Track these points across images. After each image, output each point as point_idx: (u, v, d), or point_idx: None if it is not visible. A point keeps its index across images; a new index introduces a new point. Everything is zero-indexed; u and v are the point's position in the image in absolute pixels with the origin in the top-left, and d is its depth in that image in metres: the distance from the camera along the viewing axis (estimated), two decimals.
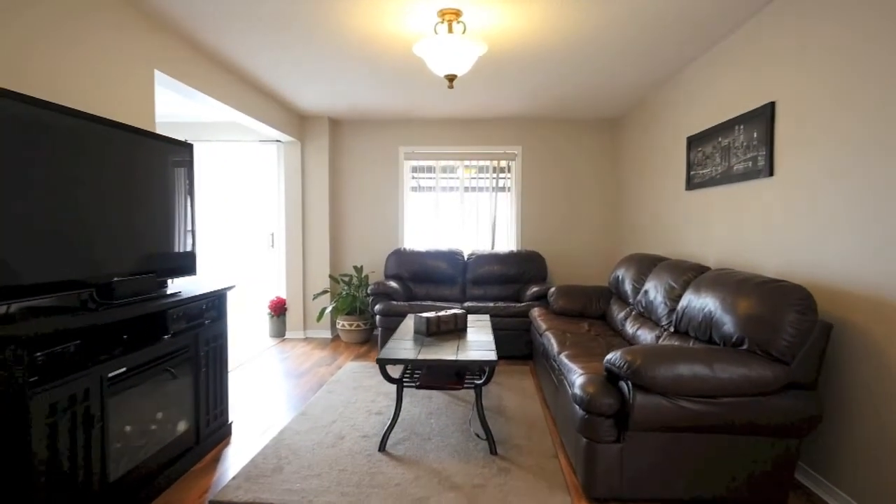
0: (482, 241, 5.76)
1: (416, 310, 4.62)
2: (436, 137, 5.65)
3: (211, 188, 5.70)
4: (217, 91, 3.78)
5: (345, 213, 5.75)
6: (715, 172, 3.28)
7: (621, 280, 3.85)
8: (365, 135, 5.70)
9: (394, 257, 5.32)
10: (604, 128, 5.57)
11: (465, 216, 5.75)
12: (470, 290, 5.24)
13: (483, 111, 5.20)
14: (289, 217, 5.50)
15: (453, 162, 5.75)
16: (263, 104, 4.60)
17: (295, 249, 5.51)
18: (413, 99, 4.70)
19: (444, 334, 3.29)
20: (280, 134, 5.11)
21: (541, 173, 5.63)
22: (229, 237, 5.74)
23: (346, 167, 5.73)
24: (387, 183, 5.71)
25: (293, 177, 5.46)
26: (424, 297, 5.23)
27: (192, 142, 5.61)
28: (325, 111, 5.24)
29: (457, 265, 5.27)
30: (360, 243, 5.76)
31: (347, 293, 5.23)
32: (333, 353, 4.88)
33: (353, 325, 5.23)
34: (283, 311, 5.56)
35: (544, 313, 4.13)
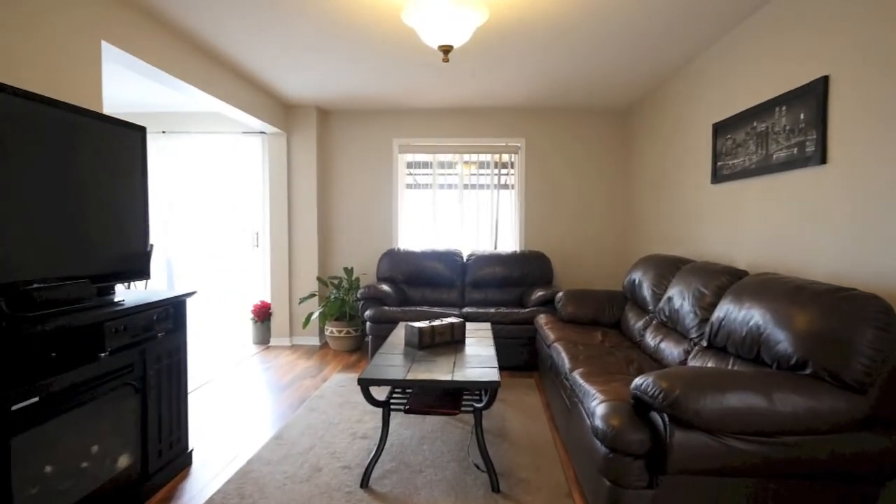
0: (483, 242, 5.36)
1: (410, 316, 4.21)
2: (432, 128, 5.24)
3: (191, 183, 5.29)
4: (190, 75, 3.38)
5: (334, 210, 5.34)
6: (749, 162, 2.87)
7: (638, 284, 3.45)
8: (356, 125, 5.29)
9: (387, 258, 4.91)
10: (614, 118, 5.16)
11: (464, 215, 5.34)
12: (469, 294, 4.83)
13: (483, 99, 4.79)
14: (274, 215, 5.09)
15: (451, 156, 5.34)
16: (245, 91, 4.20)
17: (280, 250, 5.10)
18: (407, 84, 4.29)
19: (440, 347, 2.88)
20: (264, 125, 4.70)
21: (546, 168, 5.22)
22: (211, 236, 5.33)
23: (335, 161, 5.32)
24: (380, 178, 5.30)
25: (278, 171, 5.06)
26: (420, 301, 4.82)
27: (170, 133, 5.21)
28: (312, 99, 4.84)
29: (455, 267, 4.87)
30: (351, 243, 5.35)
31: (336, 297, 4.83)
32: (320, 363, 4.47)
33: (342, 332, 4.83)
34: (267, 317, 5.15)
35: (551, 321, 3.72)
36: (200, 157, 5.22)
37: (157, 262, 5.35)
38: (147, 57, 2.91)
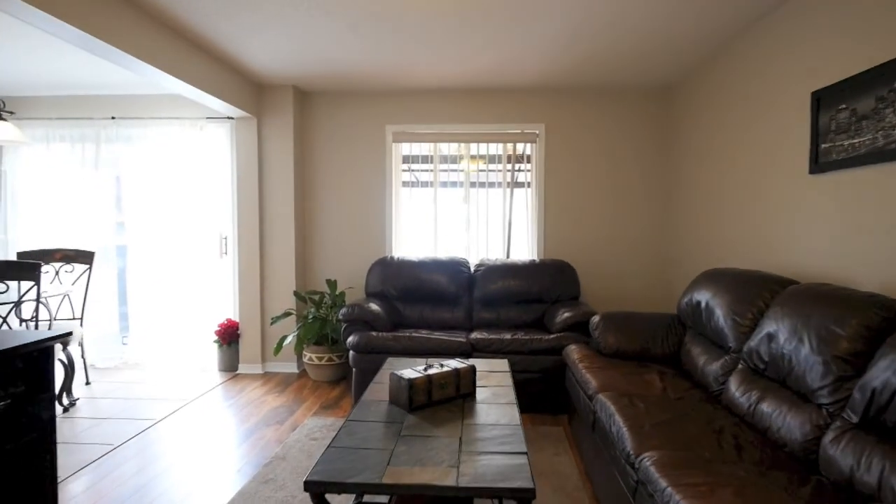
0: (493, 249, 4.48)
1: (403, 345, 3.33)
2: (432, 113, 4.37)
3: (147, 179, 4.44)
4: (129, 41, 2.58)
5: (316, 211, 4.48)
6: (882, 141, 1.99)
7: (706, 309, 2.56)
8: (342, 110, 4.43)
9: (378, 269, 4.04)
10: (656, 97, 4.27)
11: (471, 218, 4.47)
12: (478, 314, 3.95)
13: (494, 77, 3.92)
14: (242, 216, 4.23)
15: (456, 147, 4.47)
16: (203, 65, 3.35)
17: (250, 258, 4.24)
18: (400, 59, 3.43)
19: (440, 407, 2.00)
20: (230, 108, 3.86)
21: (569, 160, 4.34)
22: (171, 242, 4.47)
23: (317, 152, 4.46)
24: (371, 173, 4.44)
25: (247, 163, 4.20)
26: (417, 322, 3.94)
27: (121, 120, 4.37)
28: (289, 77, 3.98)
29: (460, 279, 3.99)
30: (336, 251, 4.48)
31: (315, 317, 3.96)
32: (294, 400, 3.60)
33: (323, 359, 3.96)
34: (234, 339, 4.29)
35: (587, 354, 2.84)
36: (157, 149, 4.37)
37: (106, 271, 4.51)
38: (71, 18, 2.08)
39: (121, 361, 4.54)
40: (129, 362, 4.54)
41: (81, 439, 2.92)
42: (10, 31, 3.07)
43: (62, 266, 3.92)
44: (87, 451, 2.76)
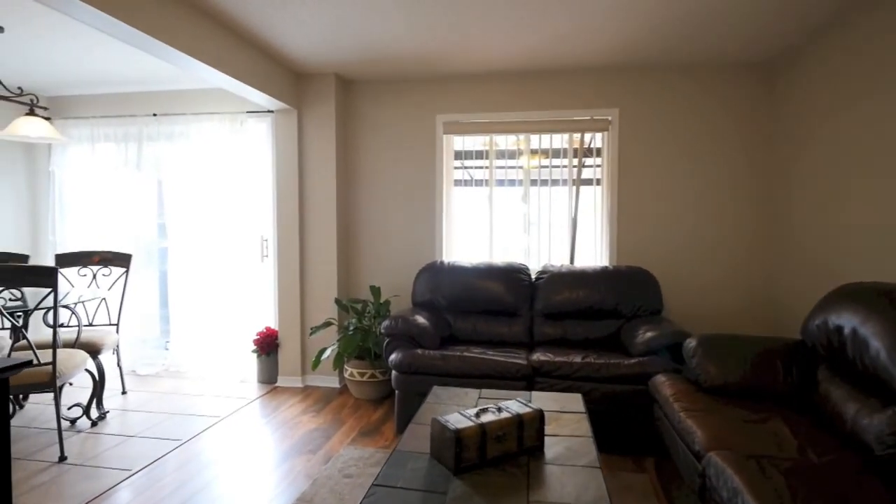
0: (557, 255, 3.93)
1: (453, 365, 2.86)
2: (487, 100, 3.88)
3: (188, 178, 4.23)
4: (165, 31, 2.33)
5: (359, 211, 4.10)
6: None
7: (852, 338, 1.92)
8: (387, 99, 4.02)
9: (426, 275, 3.60)
10: (758, 76, 3.57)
11: (530, 219, 3.94)
12: (540, 329, 3.41)
13: (558, 55, 3.38)
14: (281, 216, 3.92)
15: (514, 140, 3.96)
16: (242, 54, 3.09)
17: (289, 262, 3.92)
18: (452, 35, 2.97)
19: (495, 468, 1.51)
20: (270, 100, 3.55)
21: (648, 150, 3.72)
22: (211, 244, 4.25)
23: (361, 146, 4.08)
24: (419, 169, 4.00)
25: (287, 160, 3.88)
26: (469, 337, 3.46)
27: (162, 116, 4.18)
28: (330, 64, 3.62)
29: (520, 288, 3.47)
30: (381, 255, 4.08)
31: (356, 328, 3.57)
32: (331, 422, 3.22)
33: (365, 375, 3.56)
34: (273, 349, 3.99)
35: (683, 391, 2.25)
36: (198, 147, 4.15)
37: (148, 274, 4.34)
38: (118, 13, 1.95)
39: (162, 368, 4.37)
40: (170, 368, 4.36)
41: (99, 461, 2.66)
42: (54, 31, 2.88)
43: (100, 269, 3.75)
44: (100, 478, 2.48)
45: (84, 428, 3.10)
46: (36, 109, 3.32)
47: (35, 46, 3.24)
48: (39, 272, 2.50)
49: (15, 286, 2.46)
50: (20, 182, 4.33)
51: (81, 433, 3.03)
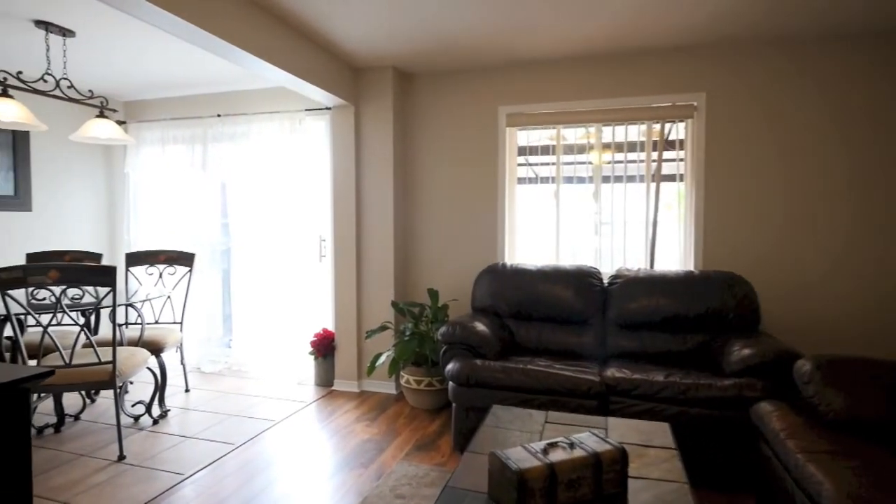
0: (632, 258, 3.55)
1: (516, 379, 2.59)
2: (554, 88, 3.57)
3: (250, 177, 4.24)
4: (222, 27, 2.28)
5: (418, 210, 3.92)
6: None
7: None
8: (447, 91, 3.81)
9: (487, 279, 3.35)
10: (883, 47, 3.03)
11: (602, 218, 3.59)
12: (614, 340, 3.06)
13: (636, 34, 3.01)
14: (338, 216, 3.82)
15: (582, 131, 3.62)
16: (298, 47, 3.00)
17: (346, 263, 3.81)
18: (521, 12, 2.70)
19: None
20: (326, 96, 3.45)
21: (742, 139, 3.26)
22: (271, 244, 4.23)
23: (419, 142, 3.90)
24: (481, 165, 3.76)
25: (344, 157, 3.77)
26: (534, 347, 3.17)
27: (226, 117, 4.21)
28: (387, 56, 3.46)
29: (590, 294, 3.14)
30: (439, 256, 3.88)
31: (412, 333, 3.38)
32: (386, 433, 3.05)
33: (421, 384, 3.37)
34: (329, 351, 3.89)
35: (798, 424, 1.85)
36: (258, 146, 4.14)
37: (212, 273, 4.40)
38: (186, 14, 2.11)
39: (225, 366, 4.41)
40: (232, 367, 4.39)
41: (155, 462, 2.64)
42: (125, 36, 2.93)
43: (166, 268, 3.81)
44: (153, 482, 2.44)
45: (146, 426, 3.12)
46: (105, 112, 3.40)
47: (107, 51, 3.31)
48: (99, 271, 2.51)
49: (77, 285, 2.47)
50: (99, 183, 4.53)
51: (143, 431, 3.05)
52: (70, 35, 3.02)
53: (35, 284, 2.40)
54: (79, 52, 3.30)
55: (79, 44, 3.18)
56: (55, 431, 3.01)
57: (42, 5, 2.67)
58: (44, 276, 2.41)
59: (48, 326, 2.52)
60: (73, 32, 3.02)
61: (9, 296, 2.43)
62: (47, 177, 4.09)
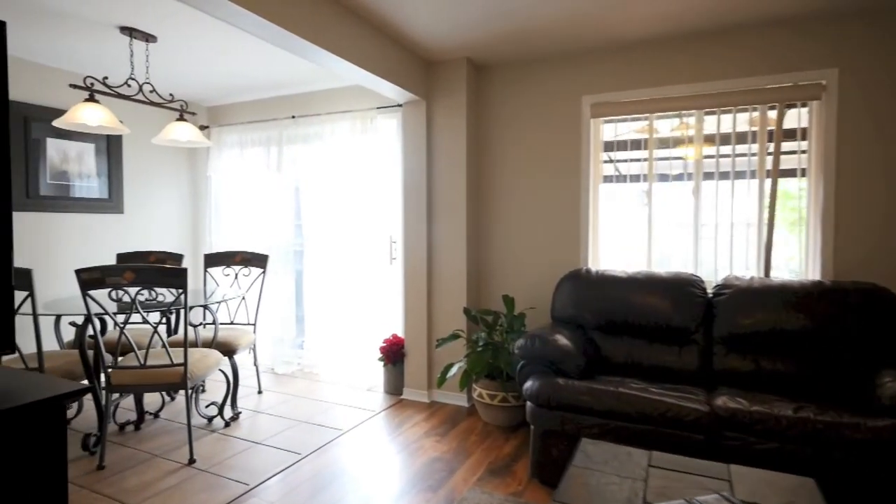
0: (740, 266, 3.07)
1: (605, 404, 2.25)
2: (645, 72, 3.17)
3: (322, 178, 4.20)
4: (291, 20, 2.22)
5: (492, 211, 3.66)
6: None
7: None
8: (525, 82, 3.52)
9: (569, 286, 3.02)
10: None
11: (703, 220, 3.14)
12: (722, 360, 2.63)
13: (744, 3, 2.57)
14: (409, 217, 3.65)
15: (676, 122, 3.19)
16: (369, 41, 2.88)
17: (416, 267, 3.63)
18: None
19: None
20: (398, 91, 3.30)
21: (887, 125, 2.70)
22: (342, 245, 4.16)
23: (494, 139, 3.64)
24: (561, 163, 3.44)
25: (415, 155, 3.60)
26: (623, 365, 2.80)
27: (300, 118, 4.20)
28: (461, 46, 3.24)
29: (691, 306, 2.72)
30: (515, 260, 3.59)
31: (486, 343, 3.13)
32: (457, 451, 2.82)
33: (495, 398, 3.11)
34: (399, 358, 3.73)
35: None
36: (330, 147, 4.08)
37: (286, 274, 4.41)
38: (263, 12, 2.11)
39: (298, 367, 4.40)
40: (304, 369, 4.38)
41: (222, 469, 2.58)
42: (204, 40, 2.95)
43: (241, 269, 3.84)
44: (220, 490, 2.38)
45: (218, 428, 3.11)
46: (185, 115, 3.46)
47: (187, 56, 3.37)
48: (171, 273, 2.49)
49: (150, 286, 2.46)
50: (184, 186, 4.69)
51: (215, 433, 3.03)
52: (152, 40, 3.08)
53: (112, 285, 2.42)
54: (160, 57, 3.38)
55: (160, 49, 3.25)
56: (135, 429, 3.08)
57: (127, 12, 2.72)
58: (120, 276, 2.42)
59: (124, 326, 2.54)
60: (155, 38, 3.08)
61: (90, 296, 2.47)
62: (137, 180, 4.28)
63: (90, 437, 2.74)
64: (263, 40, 2.46)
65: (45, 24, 2.89)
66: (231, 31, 3.01)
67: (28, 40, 3.14)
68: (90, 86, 2.76)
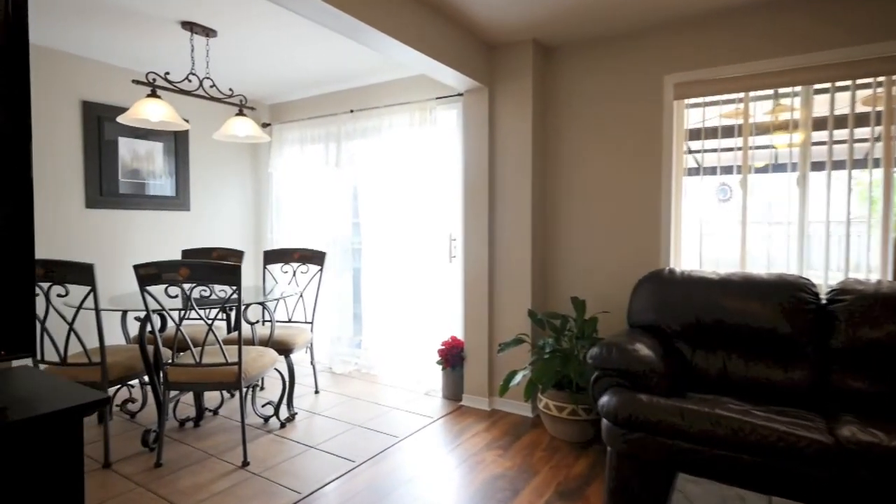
0: (858, 266, 2.60)
1: (699, 426, 1.92)
2: (738, 45, 2.76)
3: (379, 173, 4.07)
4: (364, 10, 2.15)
5: (560, 206, 3.37)
6: None
7: None
8: (596, 63, 3.20)
9: (650, 288, 2.69)
10: None
11: (809, 215, 2.70)
12: (840, 379, 2.20)
13: None
14: (469, 212, 3.44)
15: (768, 105, 2.76)
16: (432, 24, 2.71)
17: (477, 265, 3.41)
18: None
19: None
20: (459, 78, 3.10)
21: None
22: (399, 242, 4.01)
23: (562, 127, 3.34)
24: (638, 152, 3.09)
25: (476, 147, 3.38)
26: (715, 380, 2.44)
27: (358, 112, 4.09)
28: (527, 25, 2.99)
29: (801, 314, 2.32)
30: (586, 259, 3.28)
31: (553, 350, 2.85)
32: (520, 468, 2.57)
33: (563, 411, 2.83)
34: (458, 362, 3.53)
35: None
36: (388, 141, 3.94)
37: (344, 272, 4.33)
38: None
39: (355, 367, 4.31)
40: (362, 369, 4.28)
41: (275, 474, 2.48)
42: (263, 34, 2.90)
43: (299, 266, 3.78)
44: (271, 498, 2.27)
45: (273, 428, 3.04)
46: (244, 110, 3.43)
47: (246, 50, 3.34)
48: (225, 270, 2.41)
49: (205, 282, 2.40)
50: (247, 183, 4.74)
51: (270, 434, 2.96)
52: (212, 35, 3.06)
53: (168, 281, 2.38)
54: (220, 52, 3.37)
55: (221, 44, 3.22)
56: (195, 425, 3.06)
57: (189, 6, 2.69)
58: (175, 272, 2.37)
59: (180, 323, 2.50)
60: (216, 32, 3.05)
61: (147, 292, 2.44)
62: (203, 178, 4.35)
63: (150, 433, 2.73)
64: (324, 27, 2.35)
65: (109, 21, 2.92)
66: (290, 25, 2.93)
67: (95, 39, 3.21)
68: (152, 81, 2.75)
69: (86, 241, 3.60)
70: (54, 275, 2.36)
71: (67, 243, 3.50)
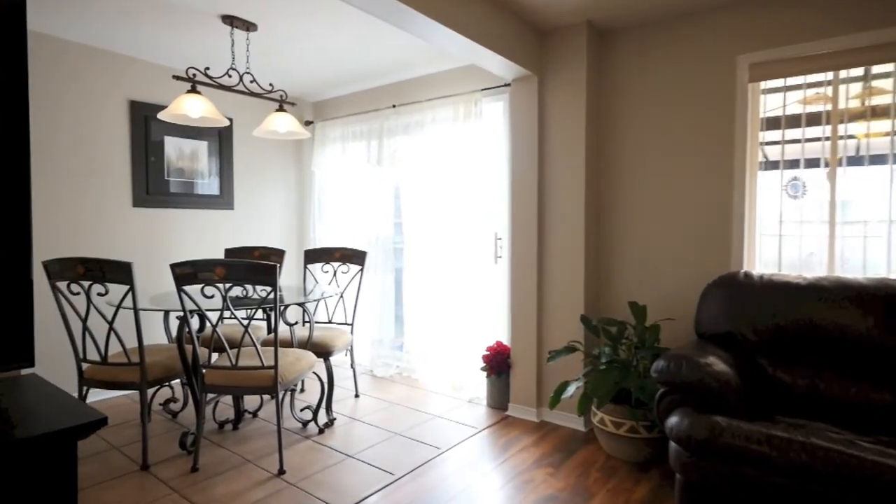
0: None
1: (787, 458, 1.64)
2: (822, 18, 2.42)
3: (420, 173, 3.92)
4: None
5: (616, 204, 3.10)
6: None
7: None
8: (658, 46, 2.92)
9: (722, 294, 2.39)
10: None
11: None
12: None
13: None
14: (516, 211, 3.22)
15: (857, 88, 2.40)
16: (478, 6, 2.51)
17: (525, 267, 3.19)
18: None
19: None
20: (507, 66, 2.90)
21: None
22: (443, 242, 3.84)
23: (619, 118, 3.07)
24: (705, 143, 2.79)
25: (525, 140, 3.16)
26: (803, 399, 2.12)
27: (400, 107, 3.95)
28: (581, 7, 2.74)
29: None
30: (645, 261, 3.00)
31: (610, 361, 2.59)
32: (572, 490, 2.34)
33: (621, 428, 2.57)
34: (504, 369, 3.32)
35: None
36: (431, 136, 3.78)
37: (386, 273, 4.20)
38: None
39: (396, 370, 4.18)
40: (403, 372, 4.14)
41: (310, 485, 2.35)
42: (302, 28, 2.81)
43: (340, 266, 3.68)
44: None
45: (311, 433, 2.93)
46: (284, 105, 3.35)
47: (286, 44, 3.26)
48: (261, 270, 2.31)
49: (241, 282, 2.30)
50: (290, 182, 4.70)
51: (308, 440, 2.85)
52: (253, 29, 2.99)
53: (204, 280, 2.30)
54: (261, 46, 3.30)
55: (261, 38, 3.15)
56: (233, 428, 3.00)
57: None
58: (211, 272, 2.29)
59: (216, 324, 2.42)
60: (256, 26, 2.98)
61: (184, 291, 2.37)
62: (246, 176, 4.33)
63: (188, 436, 2.67)
64: (367, 12, 2.20)
65: (153, 18, 2.90)
66: (331, 17, 2.82)
67: (140, 38, 3.21)
68: (192, 76, 2.70)
69: (132, 240, 3.62)
70: (93, 273, 2.33)
71: (114, 242, 3.53)
